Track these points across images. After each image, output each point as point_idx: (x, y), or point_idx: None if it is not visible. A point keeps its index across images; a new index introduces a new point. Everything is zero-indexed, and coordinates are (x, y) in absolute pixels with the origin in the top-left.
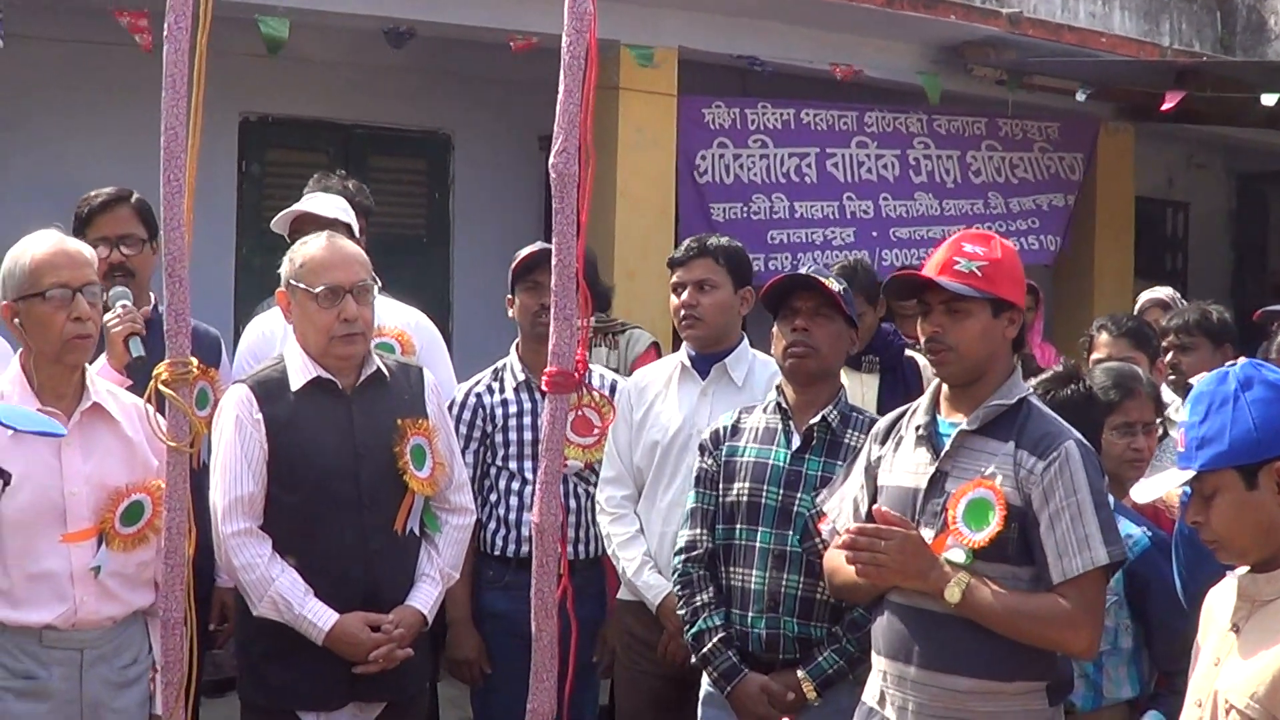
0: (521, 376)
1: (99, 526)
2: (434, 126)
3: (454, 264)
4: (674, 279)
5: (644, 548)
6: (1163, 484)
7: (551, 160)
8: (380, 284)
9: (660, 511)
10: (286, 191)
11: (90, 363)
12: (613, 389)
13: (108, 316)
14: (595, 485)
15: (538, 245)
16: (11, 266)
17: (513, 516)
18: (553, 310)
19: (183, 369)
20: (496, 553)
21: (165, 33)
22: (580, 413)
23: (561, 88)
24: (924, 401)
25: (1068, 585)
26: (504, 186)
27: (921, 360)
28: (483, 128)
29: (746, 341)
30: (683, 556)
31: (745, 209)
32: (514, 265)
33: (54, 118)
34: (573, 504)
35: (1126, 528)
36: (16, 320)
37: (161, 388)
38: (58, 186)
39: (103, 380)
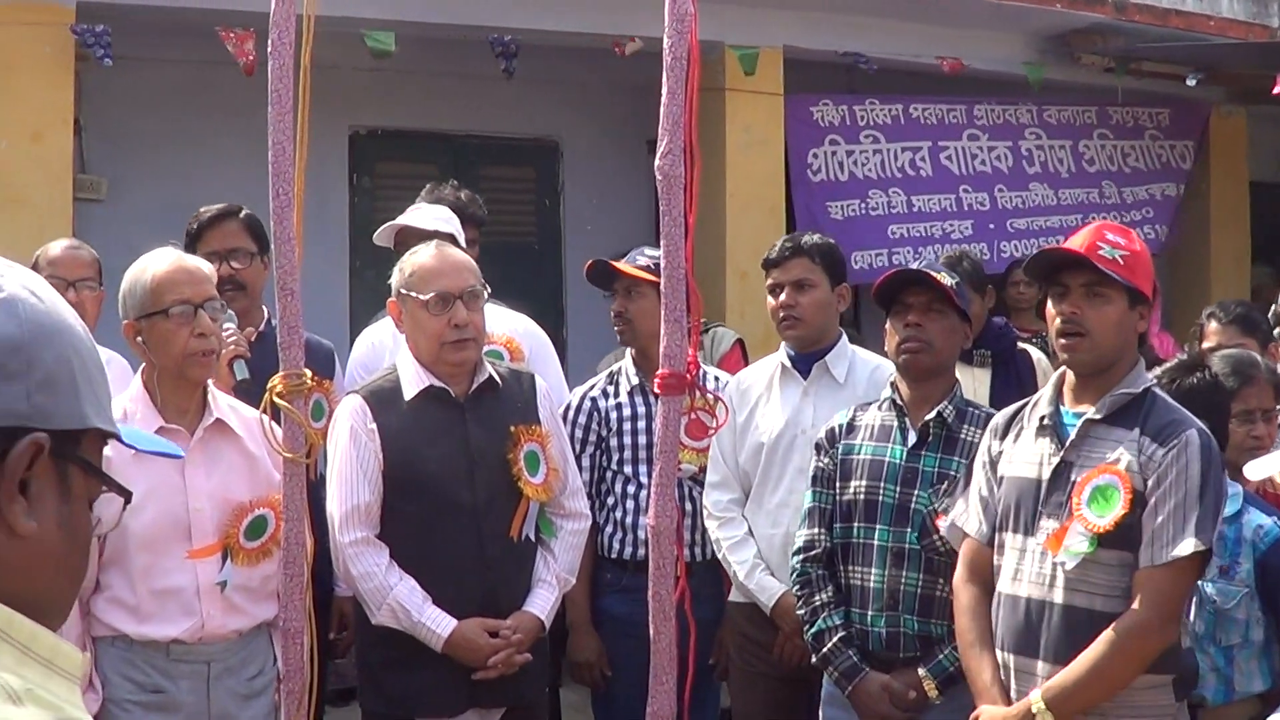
0: (635, 380)
1: (224, 542)
2: (542, 134)
3: (566, 270)
4: (770, 280)
5: (754, 550)
6: (1274, 463)
7: (657, 163)
8: (489, 290)
9: (768, 513)
10: (398, 203)
11: None
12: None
13: None
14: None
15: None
16: (132, 286)
17: (629, 520)
18: (663, 312)
19: (297, 381)
20: (614, 556)
21: (269, 49)
22: (693, 416)
23: (665, 90)
24: (1046, 392)
25: (1149, 573)
26: (613, 191)
27: (1035, 354)
28: (591, 134)
29: (845, 338)
30: (801, 556)
31: (863, 205)
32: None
33: (166, 138)
34: (688, 507)
35: (1257, 518)
36: (139, 338)
37: (276, 399)
38: (173, 206)
39: (225, 396)
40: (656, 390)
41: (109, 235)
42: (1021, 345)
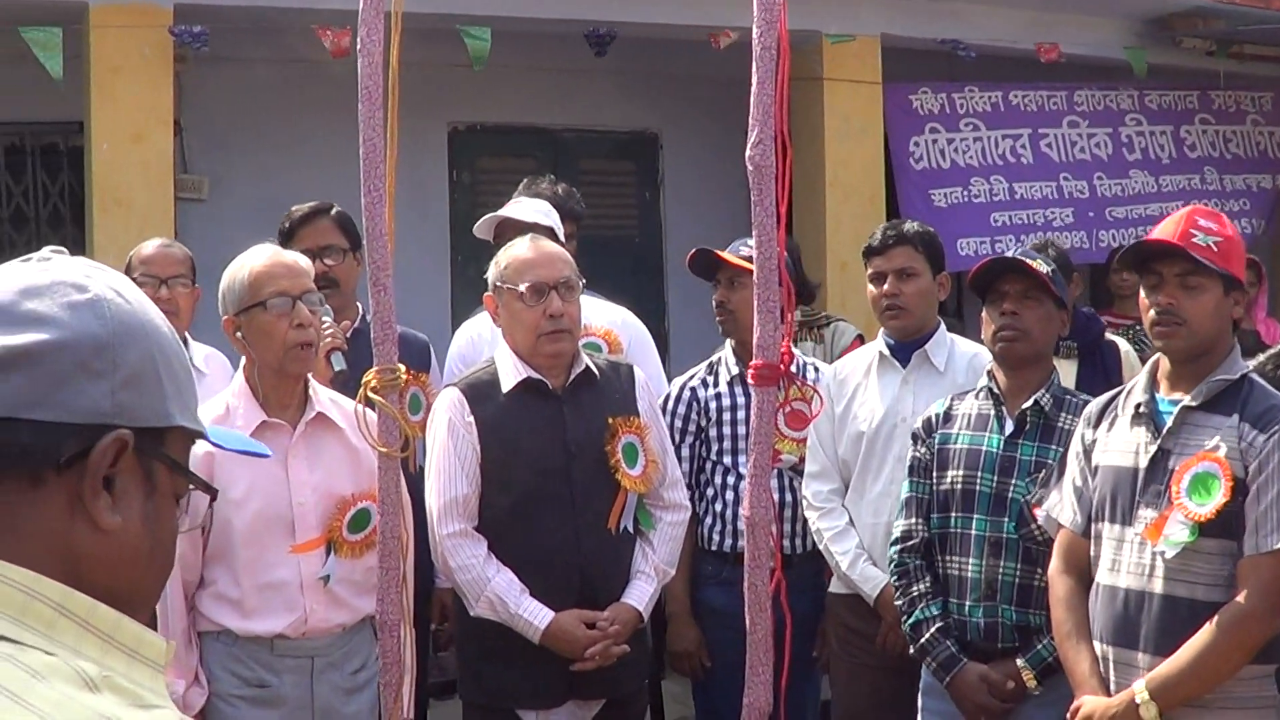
0: (735, 370)
1: (327, 535)
2: (641, 127)
3: (667, 262)
4: (871, 269)
5: (855, 540)
6: None
7: (748, 153)
8: (584, 281)
9: (870, 503)
10: (498, 198)
11: None
12: None
13: None
14: None
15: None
16: (230, 282)
17: (728, 511)
18: (756, 303)
19: (391, 375)
20: (713, 548)
21: (359, 46)
22: (791, 407)
23: (755, 79)
24: (1141, 380)
25: (1253, 561)
26: (713, 182)
27: (1123, 345)
28: (690, 125)
29: (944, 326)
30: (899, 546)
31: (966, 192)
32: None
33: (265, 136)
34: (787, 498)
35: None
36: (239, 334)
37: (370, 394)
38: (273, 204)
39: (326, 389)
40: (751, 380)
41: (210, 234)
42: (1109, 336)
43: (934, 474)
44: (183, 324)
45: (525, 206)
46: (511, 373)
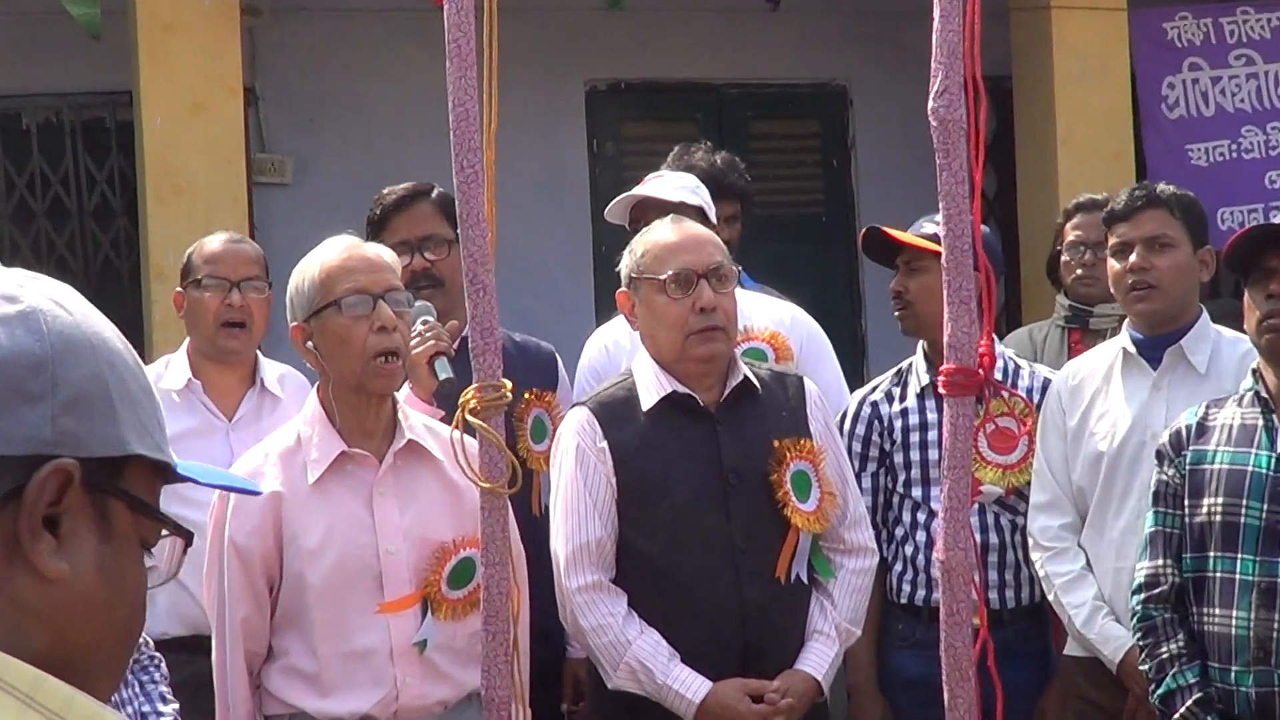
0: (926, 378)
1: (422, 591)
2: (825, 78)
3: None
4: (1114, 238)
5: (1094, 590)
6: None
7: (930, 105)
8: (741, 269)
9: (1112, 542)
10: (648, 172)
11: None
12: (1045, 389)
13: None
14: (1024, 515)
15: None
16: (299, 282)
17: (921, 556)
18: (945, 291)
19: (494, 394)
20: (904, 601)
21: None
22: (995, 424)
23: (936, 12)
24: None
25: None
26: (917, 145)
27: None
28: (887, 75)
29: (1206, 315)
30: (1142, 595)
31: (1234, 147)
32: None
33: (361, 104)
34: (994, 539)
35: None
36: (310, 344)
37: (469, 418)
38: (371, 188)
39: (419, 413)
40: (941, 390)
41: (297, 225)
42: None
43: (1185, 503)
44: (255, 337)
45: (667, 182)
46: (653, 386)
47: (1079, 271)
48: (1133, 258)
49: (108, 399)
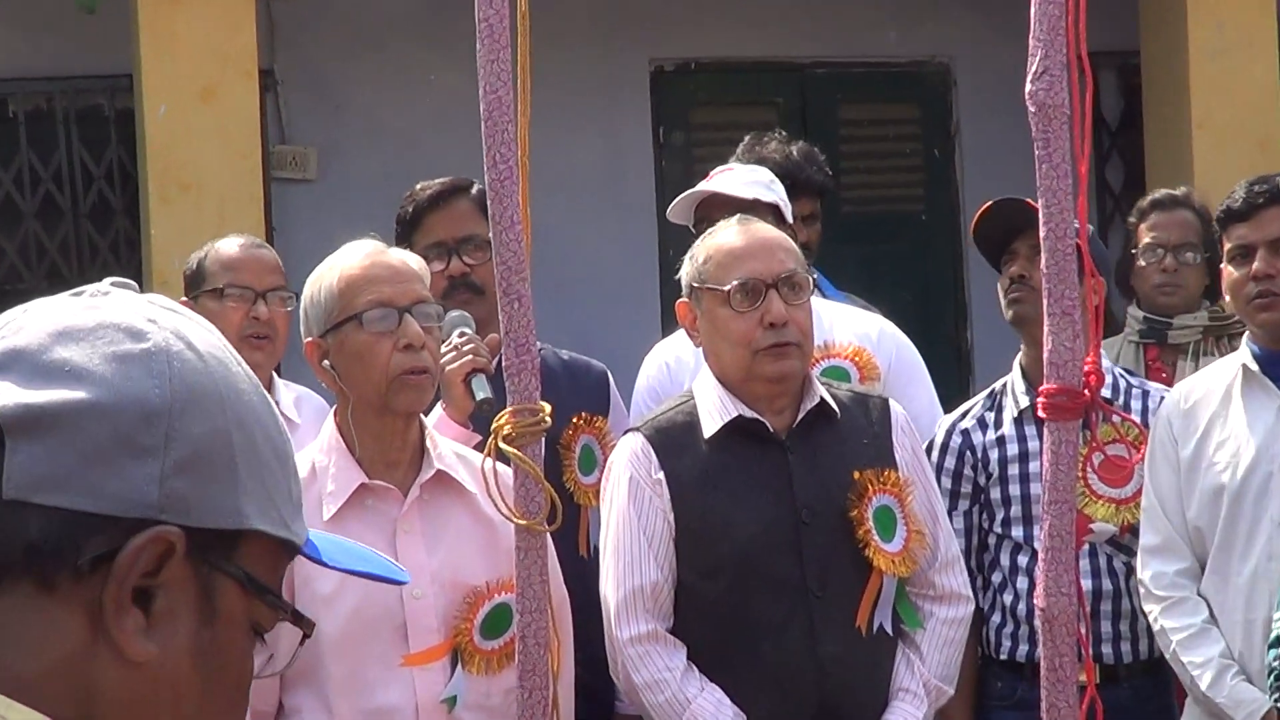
0: (1025, 400)
1: (452, 641)
2: (925, 54)
3: (967, 249)
4: (1232, 241)
5: (1220, 646)
6: None
7: (1028, 87)
8: (818, 277)
9: (1240, 590)
10: (724, 164)
11: (425, 413)
12: None
13: (441, 350)
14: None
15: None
16: (315, 292)
17: (1023, 606)
18: (1045, 302)
19: (529, 419)
20: (1004, 656)
21: None
22: (1105, 453)
23: None
24: None
25: None
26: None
27: None
28: (995, 51)
29: None
30: (1278, 651)
31: None
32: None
33: (395, 93)
34: (1106, 584)
35: None
36: (326, 362)
37: (503, 445)
38: (405, 184)
39: (450, 440)
40: (1041, 413)
41: (320, 227)
42: None
43: None
44: (278, 353)
45: (736, 177)
46: (716, 410)
47: (1157, 279)
48: (1256, 263)
49: (230, 462)
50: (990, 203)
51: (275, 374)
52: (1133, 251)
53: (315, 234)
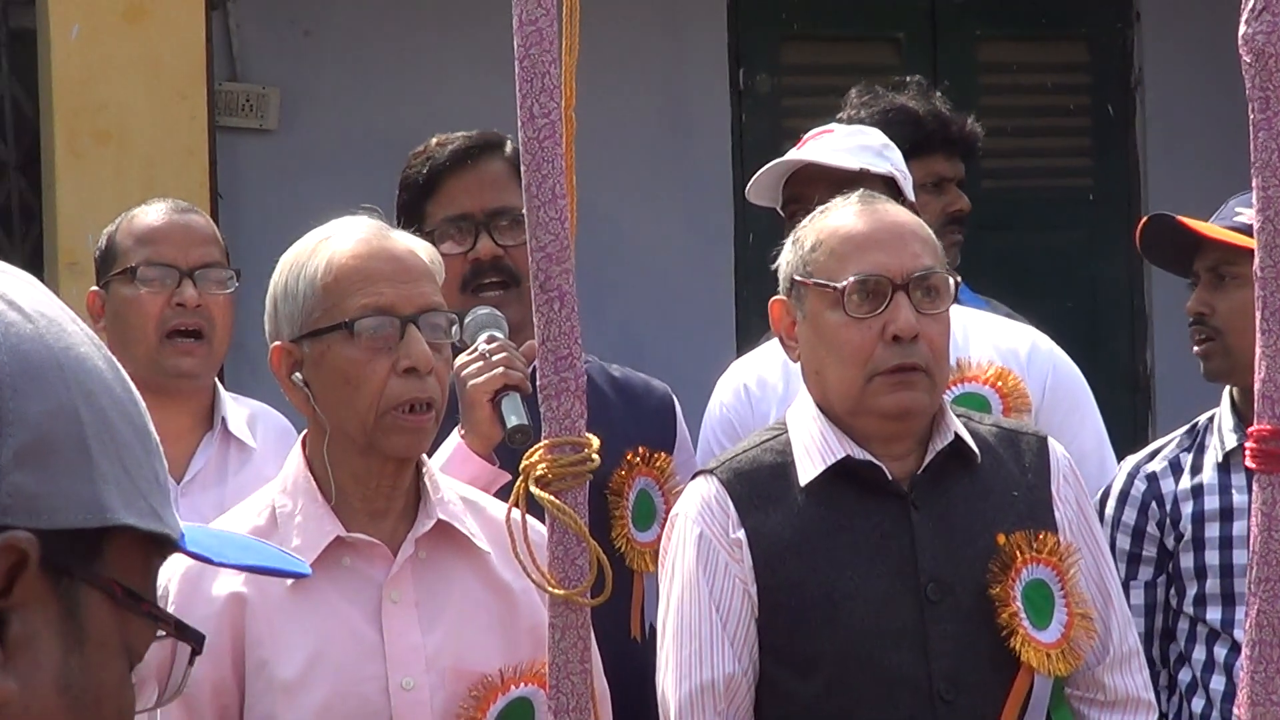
0: (1234, 440)
1: None
2: None
3: None
4: None
5: None
6: None
7: (1242, 30)
8: (959, 280)
9: None
10: (821, 120)
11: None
12: None
13: (461, 360)
14: None
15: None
16: (291, 280)
17: (1217, 715)
18: (1259, 314)
19: (571, 455)
20: None
21: None
22: None
23: None
24: None
25: None
26: (1240, 87)
27: None
28: None
29: None
30: None
31: None
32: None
33: (372, 27)
34: None
35: None
36: (298, 376)
37: (535, 490)
38: (388, 140)
39: (454, 483)
40: (1249, 463)
41: (283, 193)
42: None
43: None
44: (216, 354)
45: (837, 141)
46: (816, 449)
47: None
48: None
49: (81, 444)
50: (1145, 219)
51: (218, 384)
52: None
53: (272, 201)
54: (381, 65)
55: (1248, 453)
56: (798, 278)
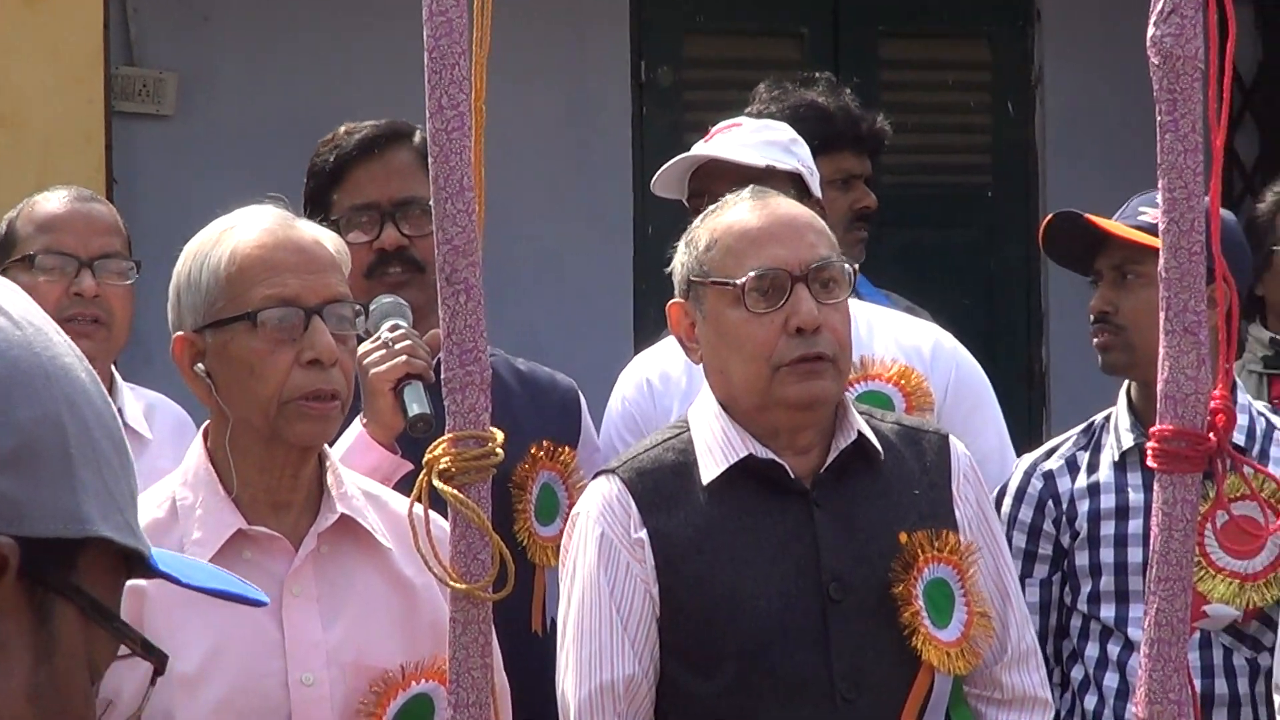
0: (1130, 439)
1: None
2: None
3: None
4: None
5: None
6: None
7: (1150, 31)
8: (857, 269)
9: None
10: (724, 116)
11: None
12: None
13: (365, 348)
14: (1270, 650)
15: None
16: (194, 270)
17: (1109, 711)
18: (1163, 314)
19: (476, 449)
20: None
21: None
22: (1230, 513)
23: None
24: None
25: None
26: (1141, 85)
27: None
28: None
29: None
30: None
31: None
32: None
33: (276, 10)
34: (1221, 686)
35: None
36: (201, 367)
37: (438, 484)
38: (290, 126)
39: (358, 476)
40: (1151, 462)
41: (178, 179)
42: None
43: None
44: (115, 343)
45: (744, 135)
46: (719, 447)
47: None
48: None
49: (64, 454)
50: (1050, 216)
51: (115, 375)
52: (1274, 249)
53: (169, 188)
54: (284, 52)
55: (1150, 453)
56: (694, 279)
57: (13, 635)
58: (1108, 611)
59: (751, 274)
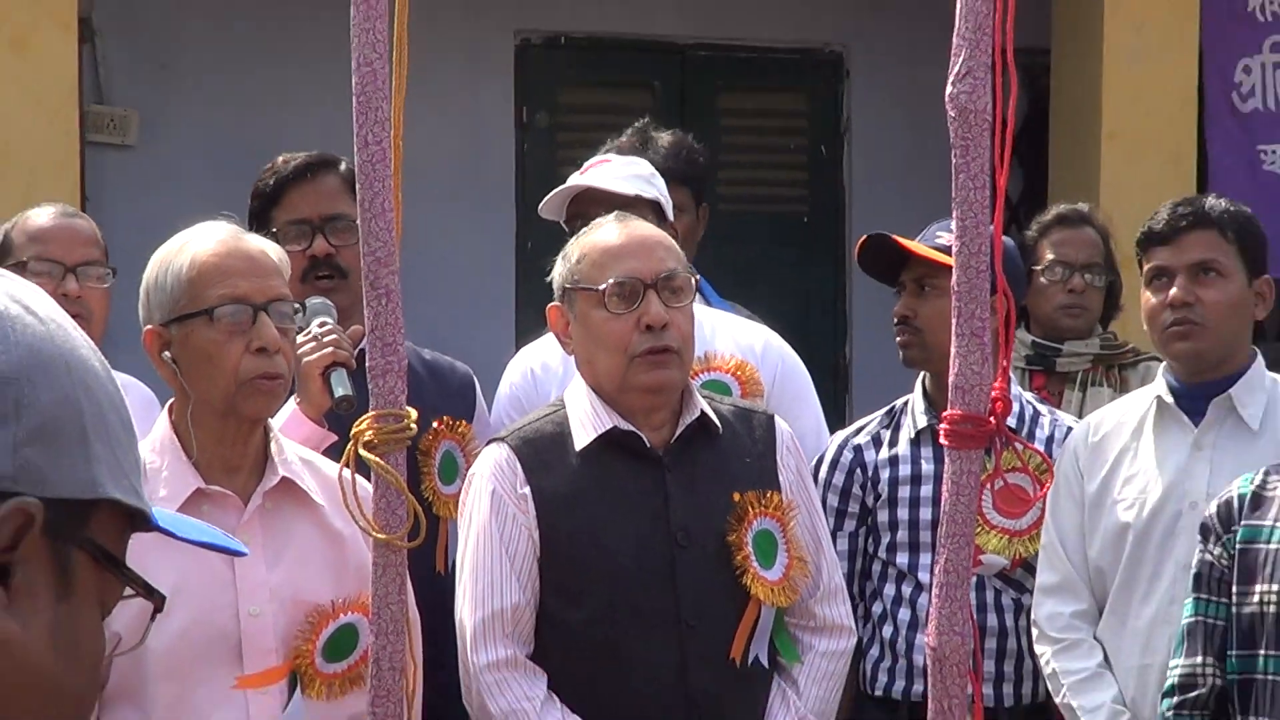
0: (924, 421)
1: (291, 664)
2: (816, 42)
3: (851, 258)
4: (1151, 263)
5: (1114, 691)
6: None
7: (949, 90)
8: (699, 280)
9: (1138, 634)
10: (592, 152)
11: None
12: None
13: (298, 340)
14: (1031, 593)
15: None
16: (160, 274)
17: (902, 641)
18: (954, 321)
19: (395, 424)
20: (879, 692)
21: None
22: (1004, 480)
23: None
24: None
25: None
26: (931, 131)
27: None
28: (892, 40)
29: (1261, 360)
30: (1174, 699)
31: None
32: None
33: (228, 52)
34: (992, 621)
35: None
36: (167, 354)
37: (363, 452)
38: (237, 154)
39: (297, 446)
40: (943, 441)
41: (140, 200)
42: None
43: (1234, 589)
44: (95, 338)
45: (614, 171)
46: (589, 421)
47: (1062, 299)
48: (1173, 290)
49: (80, 430)
50: (865, 237)
51: None
52: (1034, 269)
53: (132, 207)
54: (231, 94)
55: (942, 432)
56: (567, 286)
57: (38, 580)
58: (903, 559)
59: (611, 281)
